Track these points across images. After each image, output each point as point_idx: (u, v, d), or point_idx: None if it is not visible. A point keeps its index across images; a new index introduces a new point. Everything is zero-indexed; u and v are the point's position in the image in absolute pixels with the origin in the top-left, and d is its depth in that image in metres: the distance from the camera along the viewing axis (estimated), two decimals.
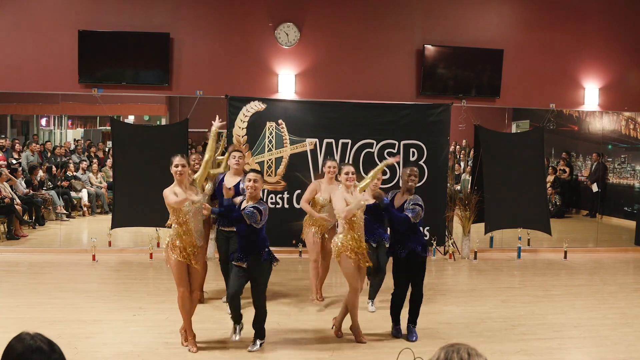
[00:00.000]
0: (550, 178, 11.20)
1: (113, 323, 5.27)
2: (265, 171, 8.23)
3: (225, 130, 7.97)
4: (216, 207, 5.07)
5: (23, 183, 9.79)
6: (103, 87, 8.36)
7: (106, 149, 11.79)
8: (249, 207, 4.55)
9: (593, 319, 5.72)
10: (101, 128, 12.21)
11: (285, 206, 8.21)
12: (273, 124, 8.25)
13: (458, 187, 10.75)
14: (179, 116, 9.95)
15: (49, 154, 11.15)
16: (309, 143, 8.29)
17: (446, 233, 8.64)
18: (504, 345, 4.92)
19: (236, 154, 5.83)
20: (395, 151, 8.35)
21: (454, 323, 5.53)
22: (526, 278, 7.59)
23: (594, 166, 11.22)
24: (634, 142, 10.54)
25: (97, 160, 11.44)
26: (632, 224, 9.95)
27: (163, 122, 11.18)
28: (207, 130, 10.76)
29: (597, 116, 10.64)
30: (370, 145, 8.35)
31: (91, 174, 11.04)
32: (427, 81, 8.75)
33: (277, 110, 8.29)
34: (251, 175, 4.69)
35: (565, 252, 8.77)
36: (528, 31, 9.05)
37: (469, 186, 9.10)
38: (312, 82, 8.68)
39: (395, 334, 5.10)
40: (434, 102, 8.61)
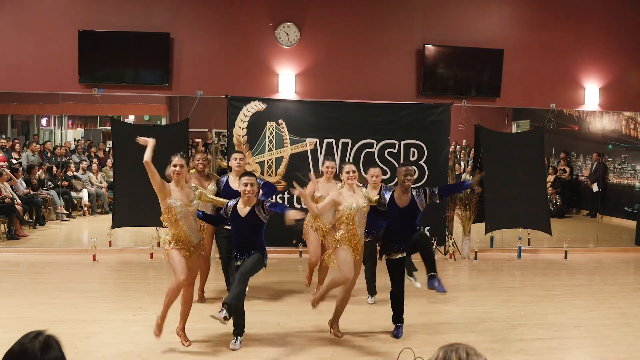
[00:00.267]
0: (550, 178, 11.19)
1: (113, 323, 5.28)
2: (265, 171, 8.25)
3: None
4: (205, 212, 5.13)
5: (23, 183, 9.80)
6: (103, 87, 8.36)
7: (106, 149, 11.78)
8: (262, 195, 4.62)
9: (593, 319, 5.72)
10: (101, 128, 12.20)
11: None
12: (273, 124, 8.26)
13: None
14: (179, 116, 9.93)
15: (49, 154, 11.14)
16: (309, 143, 8.30)
17: (446, 233, 8.64)
18: (504, 345, 4.92)
19: (237, 156, 5.88)
20: (395, 151, 8.37)
21: (454, 323, 5.53)
22: (526, 278, 7.59)
23: (595, 166, 11.21)
24: (634, 142, 10.54)
25: (98, 160, 11.44)
26: (633, 224, 9.94)
27: (163, 122, 11.16)
28: (207, 130, 10.84)
29: (598, 116, 10.63)
30: (370, 145, 8.36)
31: (91, 174, 11.04)
32: (427, 81, 8.74)
33: (278, 110, 8.30)
34: (245, 179, 4.65)
35: (565, 252, 8.77)
36: (528, 31, 9.05)
37: None
38: (312, 82, 8.68)
39: (395, 334, 5.09)
40: (434, 102, 8.61)
